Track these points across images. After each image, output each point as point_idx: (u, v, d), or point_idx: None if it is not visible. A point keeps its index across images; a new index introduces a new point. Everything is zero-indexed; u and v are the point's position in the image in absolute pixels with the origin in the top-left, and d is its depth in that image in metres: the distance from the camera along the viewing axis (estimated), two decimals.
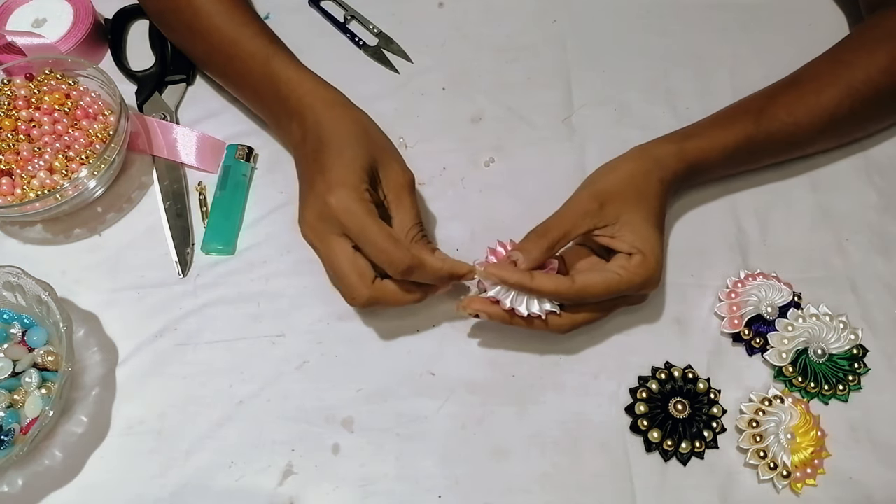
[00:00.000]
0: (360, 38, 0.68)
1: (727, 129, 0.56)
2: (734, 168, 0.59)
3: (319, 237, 0.50)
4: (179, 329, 0.56)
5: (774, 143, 0.57)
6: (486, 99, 0.65)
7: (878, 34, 0.59)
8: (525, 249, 0.50)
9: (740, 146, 0.56)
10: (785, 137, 0.57)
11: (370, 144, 0.52)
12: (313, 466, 0.52)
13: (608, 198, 0.52)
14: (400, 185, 0.52)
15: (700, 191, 0.60)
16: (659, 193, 0.53)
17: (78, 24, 0.66)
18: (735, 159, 0.57)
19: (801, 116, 0.57)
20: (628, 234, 0.51)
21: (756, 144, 0.56)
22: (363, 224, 0.48)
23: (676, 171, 0.54)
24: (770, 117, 0.56)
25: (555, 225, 0.51)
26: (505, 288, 0.50)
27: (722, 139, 0.56)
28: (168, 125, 0.63)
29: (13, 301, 0.55)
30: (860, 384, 0.54)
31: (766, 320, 0.55)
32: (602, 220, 0.51)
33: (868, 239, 0.59)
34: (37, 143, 0.59)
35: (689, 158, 0.55)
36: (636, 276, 0.50)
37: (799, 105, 0.57)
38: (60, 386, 0.49)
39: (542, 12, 0.69)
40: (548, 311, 0.50)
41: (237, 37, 0.58)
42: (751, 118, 0.57)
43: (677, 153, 0.55)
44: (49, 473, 0.52)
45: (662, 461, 0.52)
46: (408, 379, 0.54)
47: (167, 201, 0.61)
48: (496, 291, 0.50)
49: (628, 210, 0.52)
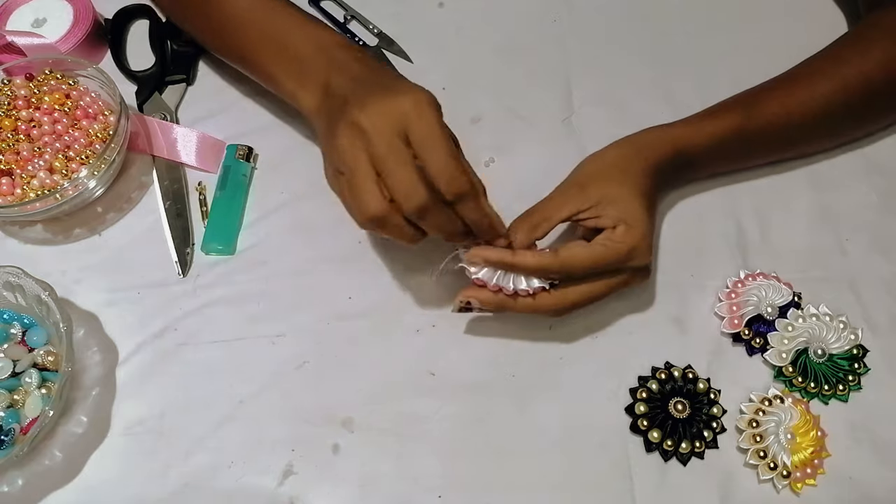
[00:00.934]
0: (360, 38, 0.68)
1: (717, 117, 0.56)
2: (727, 161, 0.59)
3: (354, 152, 0.46)
4: (179, 329, 0.56)
5: (766, 136, 0.57)
6: (486, 99, 0.65)
7: (874, 32, 0.59)
8: (509, 232, 0.50)
9: (730, 135, 0.56)
10: (777, 130, 0.57)
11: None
12: (313, 466, 0.52)
13: (590, 180, 0.52)
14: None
15: (700, 190, 0.60)
16: (645, 171, 0.53)
17: (78, 24, 0.66)
18: (726, 150, 0.57)
19: (794, 108, 0.56)
20: (611, 209, 0.51)
21: (747, 135, 0.56)
22: (434, 127, 0.45)
23: (662, 153, 0.54)
24: (762, 108, 0.56)
25: (538, 208, 0.52)
26: (491, 269, 0.50)
27: (710, 127, 0.56)
28: (168, 125, 0.63)
29: (13, 301, 0.55)
30: (860, 384, 0.54)
31: (766, 320, 0.55)
32: (585, 201, 0.51)
33: (868, 239, 0.59)
34: (37, 143, 0.59)
35: (676, 142, 0.55)
36: (621, 245, 0.49)
37: (791, 98, 0.57)
38: (60, 386, 0.49)
39: (542, 12, 0.69)
40: (535, 287, 0.50)
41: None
42: (741, 109, 0.57)
43: (662, 136, 0.55)
44: (49, 473, 0.52)
45: (662, 461, 0.52)
46: (408, 379, 0.54)
47: (167, 201, 0.61)
48: (483, 273, 0.50)
49: (611, 187, 0.52)
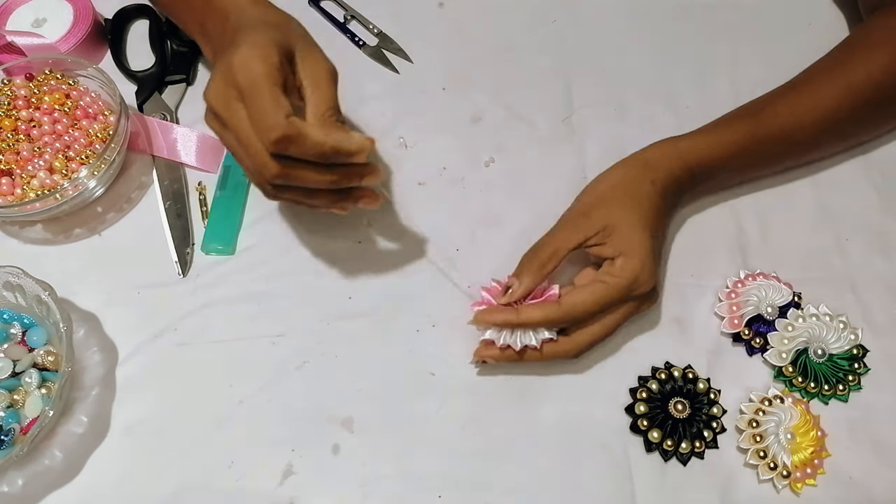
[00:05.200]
0: (360, 38, 0.68)
1: (727, 127, 0.56)
2: (739, 171, 0.58)
3: (224, 103, 0.46)
4: (179, 329, 0.56)
5: (777, 144, 0.57)
6: (486, 99, 0.65)
7: (877, 35, 0.58)
8: (517, 274, 0.51)
9: (742, 145, 0.55)
10: (787, 137, 0.57)
11: (289, 30, 0.49)
12: (313, 466, 0.52)
13: (595, 205, 0.52)
14: (320, 72, 0.48)
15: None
16: (651, 195, 0.52)
17: (78, 24, 0.66)
18: (738, 160, 0.56)
19: (803, 115, 0.56)
20: (614, 237, 0.51)
21: (759, 144, 0.56)
22: (254, 81, 0.44)
23: (672, 171, 0.54)
24: (771, 116, 0.56)
25: (544, 243, 0.52)
26: (496, 329, 0.50)
27: (722, 137, 0.55)
28: (168, 125, 0.63)
29: (13, 301, 0.55)
30: (860, 384, 0.54)
31: (766, 320, 0.55)
32: (590, 228, 0.51)
33: (868, 239, 0.59)
34: (37, 143, 0.59)
35: (687, 157, 0.54)
36: (622, 280, 0.49)
37: (799, 105, 0.56)
38: (60, 386, 0.49)
39: (542, 12, 0.69)
40: (544, 339, 0.50)
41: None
42: (751, 118, 0.56)
43: (671, 153, 0.54)
44: (49, 473, 0.52)
45: (662, 461, 0.52)
46: (408, 379, 0.54)
47: (167, 201, 0.61)
48: (489, 334, 0.51)
49: (614, 213, 0.51)
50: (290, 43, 0.48)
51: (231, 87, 0.45)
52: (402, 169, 0.62)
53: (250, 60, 0.45)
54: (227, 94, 0.46)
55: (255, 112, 0.44)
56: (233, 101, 0.46)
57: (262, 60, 0.45)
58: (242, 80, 0.45)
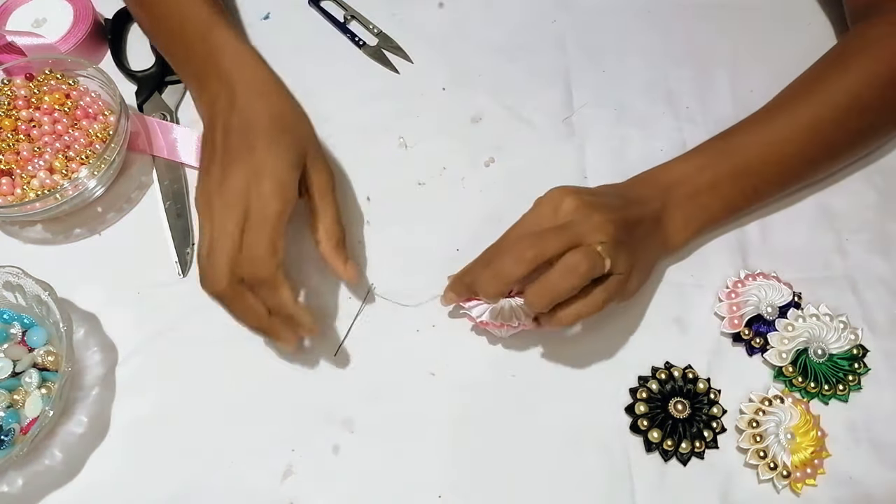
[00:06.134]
0: (360, 38, 0.68)
1: (700, 154, 0.56)
2: (732, 208, 0.57)
3: (214, 210, 0.49)
4: (179, 329, 0.56)
5: (764, 170, 0.55)
6: (486, 99, 0.65)
7: (858, 43, 0.58)
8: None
9: (719, 178, 0.55)
10: (769, 164, 0.55)
11: (301, 135, 0.52)
12: (313, 466, 0.52)
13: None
14: (325, 185, 0.52)
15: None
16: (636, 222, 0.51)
17: (78, 24, 0.66)
18: (721, 191, 0.55)
19: (774, 140, 0.55)
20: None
21: (743, 175, 0.55)
22: (266, 217, 0.48)
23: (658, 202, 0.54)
24: (739, 146, 0.55)
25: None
26: (482, 306, 0.53)
27: (702, 171, 0.55)
28: (168, 125, 0.63)
29: (13, 301, 0.55)
30: (860, 384, 0.54)
31: (766, 320, 0.55)
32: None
33: (868, 239, 0.59)
34: (37, 143, 0.59)
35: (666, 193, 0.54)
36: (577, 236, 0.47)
37: (773, 127, 0.55)
38: (60, 386, 0.49)
39: (542, 12, 0.69)
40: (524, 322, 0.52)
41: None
42: (719, 153, 0.56)
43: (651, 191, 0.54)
44: (49, 473, 0.52)
45: (662, 461, 0.52)
46: (408, 379, 0.54)
47: (167, 201, 0.61)
48: (476, 311, 0.53)
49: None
50: (303, 155, 0.51)
51: (240, 207, 0.48)
52: (402, 169, 0.62)
53: (271, 199, 0.48)
54: (223, 204, 0.48)
55: (253, 240, 0.47)
56: (227, 212, 0.48)
57: (282, 199, 0.48)
58: (255, 209, 0.48)
